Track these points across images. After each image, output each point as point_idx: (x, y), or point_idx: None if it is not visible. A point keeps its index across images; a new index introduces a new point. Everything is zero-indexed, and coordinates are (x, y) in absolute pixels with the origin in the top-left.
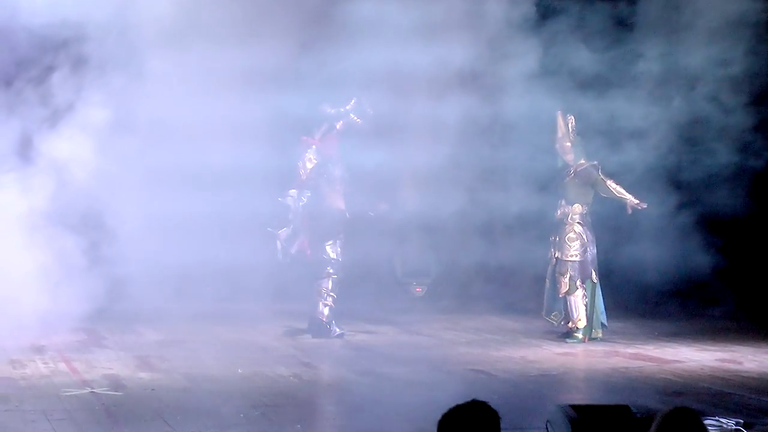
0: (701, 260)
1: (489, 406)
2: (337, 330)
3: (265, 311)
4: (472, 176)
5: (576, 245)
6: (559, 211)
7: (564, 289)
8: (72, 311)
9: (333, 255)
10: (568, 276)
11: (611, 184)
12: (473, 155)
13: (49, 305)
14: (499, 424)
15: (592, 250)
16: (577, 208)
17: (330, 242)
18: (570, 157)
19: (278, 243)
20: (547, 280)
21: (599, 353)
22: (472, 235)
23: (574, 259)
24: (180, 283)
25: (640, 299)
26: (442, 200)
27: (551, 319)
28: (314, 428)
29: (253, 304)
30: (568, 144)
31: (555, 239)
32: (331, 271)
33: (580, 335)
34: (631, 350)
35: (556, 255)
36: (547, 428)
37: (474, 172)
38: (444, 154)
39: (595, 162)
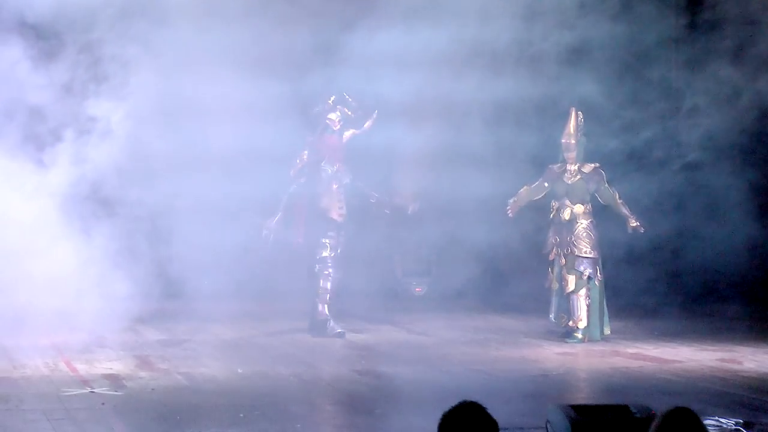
0: None
1: (486, 410)
2: (337, 329)
3: (264, 310)
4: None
5: (589, 242)
6: (565, 211)
7: (571, 287)
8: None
9: (325, 254)
10: (586, 273)
11: (618, 198)
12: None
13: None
14: (497, 427)
15: (598, 248)
16: (588, 207)
17: (322, 241)
18: (572, 155)
19: (264, 231)
20: (555, 282)
21: (599, 353)
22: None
23: (590, 255)
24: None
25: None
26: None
27: (558, 320)
28: (314, 428)
29: (253, 303)
30: (574, 142)
31: (568, 238)
32: (327, 272)
33: (580, 335)
34: (631, 350)
35: (573, 252)
36: (547, 428)
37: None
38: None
39: (598, 164)
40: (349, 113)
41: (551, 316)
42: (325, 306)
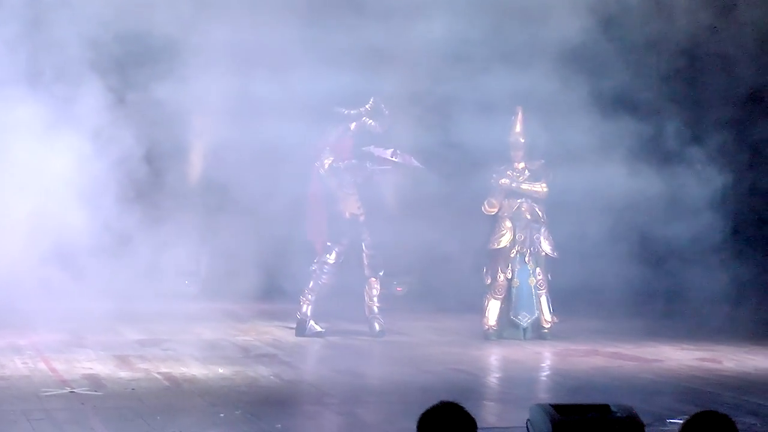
0: None
1: (464, 410)
2: (317, 328)
3: (246, 311)
4: None
5: (552, 242)
6: (526, 210)
7: (541, 286)
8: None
9: (325, 258)
10: (548, 273)
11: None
12: None
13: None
14: (475, 426)
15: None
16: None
17: (328, 245)
18: (520, 154)
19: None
20: (516, 279)
21: (580, 352)
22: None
23: (555, 256)
24: None
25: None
26: None
27: (519, 319)
28: (294, 428)
29: (234, 303)
30: (522, 140)
31: (535, 237)
32: (322, 276)
33: (548, 332)
34: (611, 349)
35: (541, 252)
36: (527, 428)
37: None
38: None
39: (543, 161)
40: (372, 123)
41: (511, 313)
42: (309, 307)
